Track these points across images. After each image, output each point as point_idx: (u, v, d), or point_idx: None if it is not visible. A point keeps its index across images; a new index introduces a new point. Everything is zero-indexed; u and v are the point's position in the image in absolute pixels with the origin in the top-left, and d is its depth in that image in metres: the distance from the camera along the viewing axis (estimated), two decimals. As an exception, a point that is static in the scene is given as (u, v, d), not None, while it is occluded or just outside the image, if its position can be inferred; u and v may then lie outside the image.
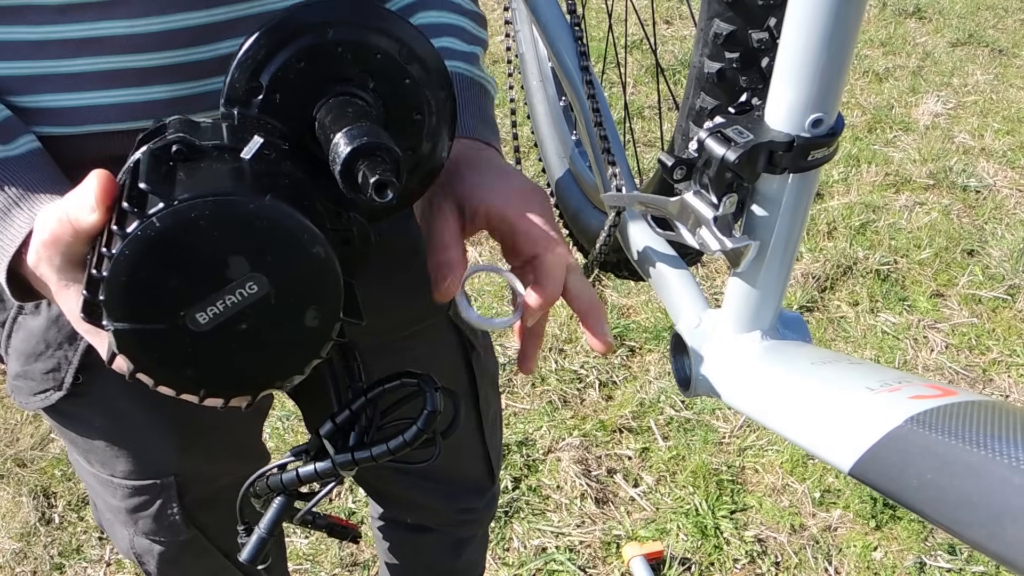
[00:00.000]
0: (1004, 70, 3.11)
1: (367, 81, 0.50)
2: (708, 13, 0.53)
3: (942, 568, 1.53)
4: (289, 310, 0.42)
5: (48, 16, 0.53)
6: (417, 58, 0.50)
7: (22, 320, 0.68)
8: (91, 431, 0.75)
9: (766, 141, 0.45)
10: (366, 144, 0.43)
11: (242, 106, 0.48)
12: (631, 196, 0.58)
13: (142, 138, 0.47)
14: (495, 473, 1.01)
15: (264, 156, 0.44)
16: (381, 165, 0.42)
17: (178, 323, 0.41)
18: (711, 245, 0.50)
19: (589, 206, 0.92)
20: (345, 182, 0.43)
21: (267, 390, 0.45)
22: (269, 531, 0.52)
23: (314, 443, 0.51)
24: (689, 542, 1.58)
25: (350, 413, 0.50)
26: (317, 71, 0.48)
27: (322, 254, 0.42)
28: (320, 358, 0.45)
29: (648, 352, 1.96)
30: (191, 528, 0.83)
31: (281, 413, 1.80)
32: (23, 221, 0.51)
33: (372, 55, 0.49)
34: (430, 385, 0.50)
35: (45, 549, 1.58)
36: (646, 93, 2.85)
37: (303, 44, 0.48)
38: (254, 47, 0.48)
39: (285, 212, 0.41)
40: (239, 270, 0.41)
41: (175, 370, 0.42)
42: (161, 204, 0.39)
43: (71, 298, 0.48)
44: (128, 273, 0.40)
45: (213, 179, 0.41)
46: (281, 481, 0.51)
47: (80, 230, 0.44)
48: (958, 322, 2.05)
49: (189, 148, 0.43)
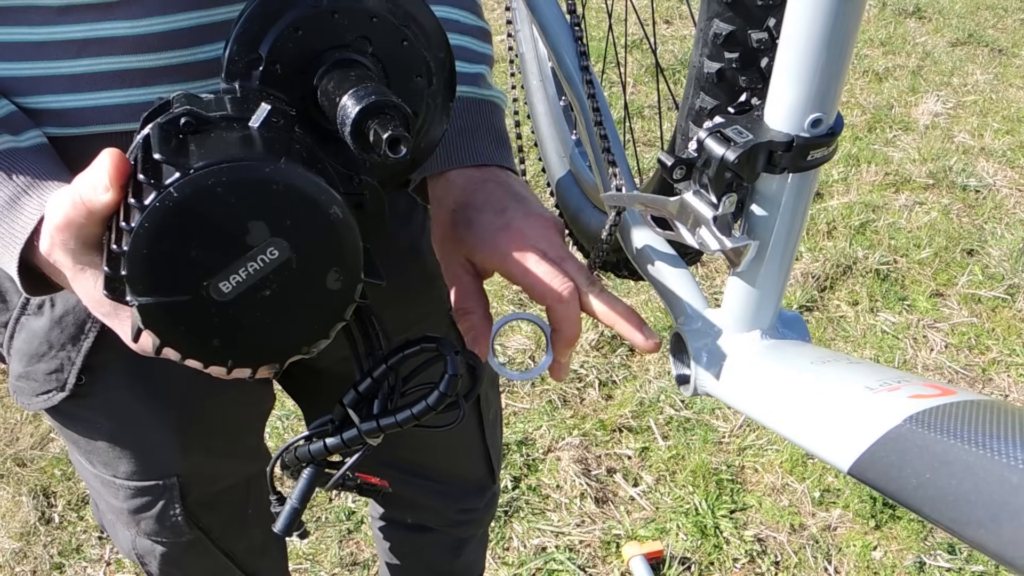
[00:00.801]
0: (1004, 70, 3.11)
1: (365, 45, 0.50)
2: (707, 13, 0.53)
3: (942, 567, 1.53)
4: (311, 273, 0.42)
5: (49, 17, 0.53)
6: (413, 20, 0.51)
7: (25, 321, 0.68)
8: (93, 432, 0.75)
9: (765, 141, 0.45)
10: (375, 103, 0.43)
11: (243, 79, 0.49)
12: (631, 196, 0.58)
13: (147, 116, 0.47)
14: (495, 473, 1.01)
15: (272, 123, 0.43)
16: (391, 122, 0.43)
17: (202, 293, 0.41)
18: (710, 245, 0.50)
19: (589, 206, 0.92)
20: (356, 142, 0.43)
21: (294, 356, 0.45)
22: (301, 501, 0.53)
23: (338, 413, 0.51)
24: (689, 541, 1.58)
25: (372, 381, 0.50)
26: (315, 39, 0.49)
27: (340, 215, 0.42)
28: (344, 320, 0.45)
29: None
30: (193, 529, 0.83)
31: (281, 413, 1.80)
32: (33, 209, 0.51)
33: (368, 19, 0.49)
34: (449, 349, 0.50)
35: (45, 548, 1.58)
36: (646, 93, 2.85)
37: (299, 13, 0.48)
38: (250, 20, 0.48)
39: (301, 174, 0.41)
40: (259, 236, 0.41)
41: (201, 342, 0.42)
42: (177, 174, 0.39)
43: (88, 281, 0.48)
44: (149, 245, 0.39)
45: (226, 147, 0.41)
46: (310, 452, 0.52)
47: (94, 210, 0.44)
48: (958, 321, 2.05)
49: (198, 120, 0.42)
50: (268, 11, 0.48)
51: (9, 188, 0.52)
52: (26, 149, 0.54)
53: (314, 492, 0.54)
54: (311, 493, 0.53)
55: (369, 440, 0.50)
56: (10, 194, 0.51)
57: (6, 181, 0.52)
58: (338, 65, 0.48)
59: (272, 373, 0.47)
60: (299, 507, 0.53)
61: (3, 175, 0.52)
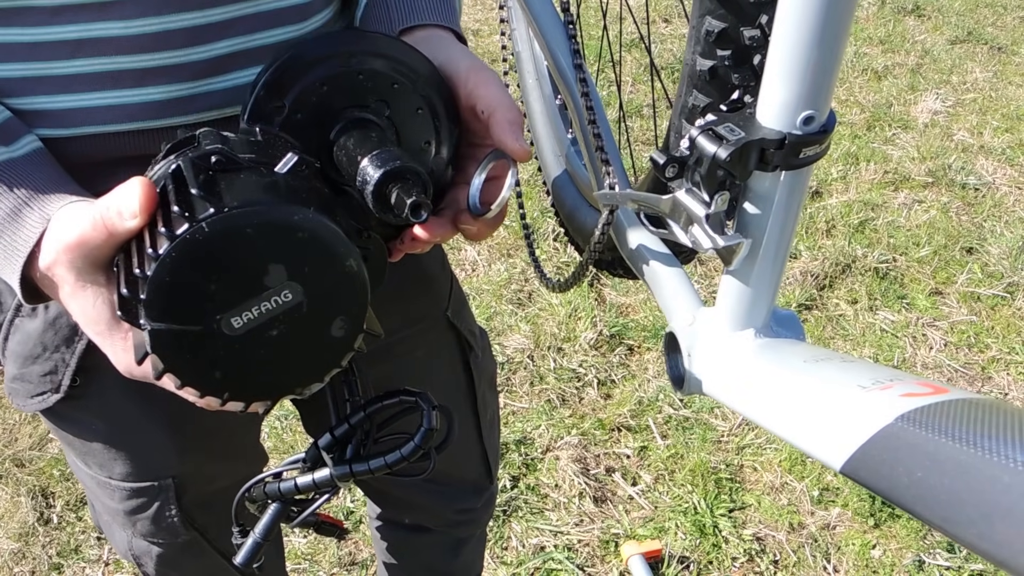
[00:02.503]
0: (1003, 67, 3.11)
1: (383, 109, 0.53)
2: (700, 10, 0.53)
3: (941, 566, 1.53)
4: (318, 319, 0.44)
5: (42, 17, 0.53)
6: (431, 90, 0.54)
7: (19, 323, 0.68)
8: (88, 433, 0.75)
9: (757, 139, 0.45)
10: (398, 168, 0.46)
11: (264, 123, 0.51)
12: (624, 194, 0.58)
13: (172, 146, 0.48)
14: (493, 473, 1.01)
15: (298, 172, 0.45)
16: (414, 188, 0.46)
17: (214, 326, 0.42)
18: (703, 243, 0.50)
19: (585, 204, 0.92)
20: (376, 203, 0.46)
21: (287, 395, 0.47)
22: (264, 536, 0.54)
23: (311, 454, 0.52)
24: (687, 540, 1.58)
25: (349, 427, 0.51)
26: (338, 96, 0.51)
27: (355, 267, 0.44)
28: (340, 367, 0.47)
29: (647, 351, 1.95)
30: (189, 530, 0.83)
31: (280, 413, 1.80)
32: (35, 221, 0.51)
33: (390, 84, 0.52)
34: (427, 402, 0.51)
35: (43, 549, 1.58)
36: (644, 91, 2.84)
37: (328, 70, 0.51)
38: (280, 70, 0.51)
39: (325, 225, 0.43)
40: (277, 278, 0.43)
41: (204, 373, 0.44)
42: (212, 209, 0.41)
43: (87, 300, 0.49)
44: (172, 274, 0.41)
45: (257, 190, 0.43)
46: (279, 490, 0.53)
47: (116, 235, 0.45)
48: (957, 320, 2.05)
49: (228, 159, 0.44)
50: (299, 64, 0.51)
51: (10, 200, 0.52)
52: (21, 159, 0.54)
53: (277, 527, 0.55)
54: (275, 528, 0.54)
55: (339, 483, 0.51)
56: (11, 207, 0.51)
57: (6, 193, 0.52)
58: (356, 124, 0.51)
59: (262, 409, 0.48)
60: (261, 541, 0.54)
61: (3, 187, 0.52)
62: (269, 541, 0.55)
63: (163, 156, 0.48)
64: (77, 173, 0.56)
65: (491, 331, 1.98)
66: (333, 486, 0.51)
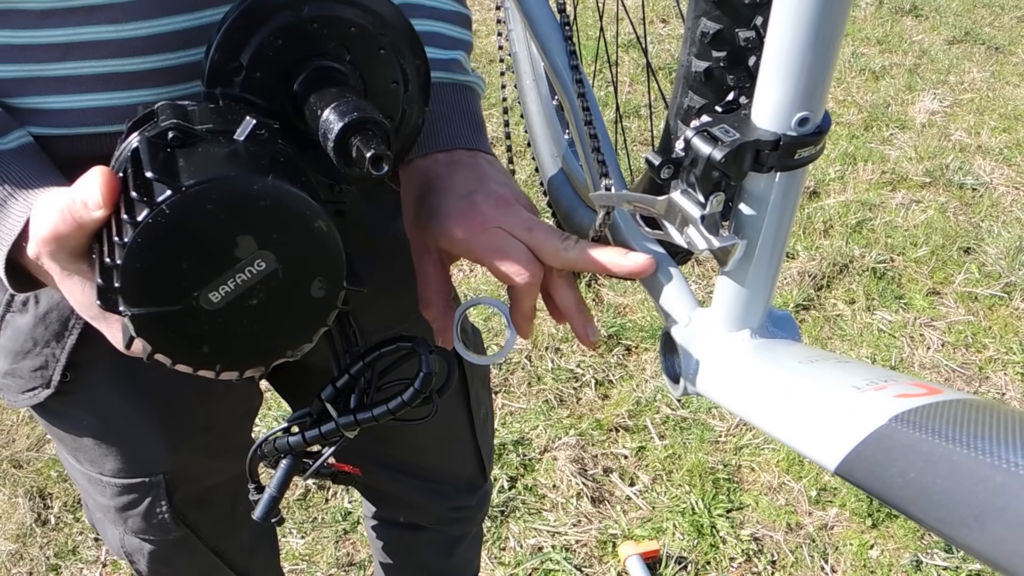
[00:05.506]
0: (1000, 67, 3.12)
1: (343, 54, 0.51)
2: (695, 12, 0.53)
3: (938, 566, 1.53)
4: (296, 283, 0.45)
5: (32, 20, 0.53)
6: (390, 28, 0.52)
7: (10, 318, 0.68)
8: (80, 429, 0.75)
9: (752, 140, 0.45)
10: (356, 119, 0.45)
11: (224, 86, 0.50)
12: (619, 195, 0.58)
13: (132, 124, 0.48)
14: (487, 471, 1.01)
15: (257, 136, 0.45)
16: (374, 139, 0.44)
17: (192, 303, 0.43)
18: (698, 244, 0.50)
19: (582, 205, 0.92)
20: (339, 157, 0.45)
21: (279, 359, 0.47)
22: (279, 489, 0.55)
23: (316, 407, 0.53)
24: (685, 541, 1.58)
25: (349, 377, 0.52)
26: (295, 48, 0.50)
27: (324, 228, 0.44)
28: (327, 326, 0.47)
29: (644, 351, 1.96)
30: (181, 527, 0.83)
31: (278, 413, 1.79)
32: (20, 211, 0.52)
33: (346, 28, 0.51)
34: (424, 347, 0.52)
35: (41, 550, 1.58)
36: (642, 92, 2.85)
37: (280, 22, 0.49)
38: (231, 29, 0.49)
39: (287, 191, 0.43)
40: (247, 249, 0.43)
41: (191, 348, 0.44)
42: (169, 191, 0.41)
43: (75, 287, 0.50)
44: (142, 259, 0.41)
45: (214, 163, 0.43)
46: (288, 443, 0.53)
47: (84, 225, 0.45)
48: (954, 320, 2.05)
49: (184, 133, 0.44)
50: (249, 21, 0.49)
51: None
52: (11, 151, 0.54)
53: (292, 480, 0.56)
54: (289, 482, 0.55)
55: (346, 433, 0.52)
56: None
57: None
58: (318, 73, 0.50)
59: (258, 375, 0.49)
60: (277, 495, 0.55)
61: None
62: (284, 495, 0.56)
63: (124, 136, 0.48)
64: (70, 171, 0.56)
65: (489, 331, 1.98)
66: (340, 435, 0.52)
